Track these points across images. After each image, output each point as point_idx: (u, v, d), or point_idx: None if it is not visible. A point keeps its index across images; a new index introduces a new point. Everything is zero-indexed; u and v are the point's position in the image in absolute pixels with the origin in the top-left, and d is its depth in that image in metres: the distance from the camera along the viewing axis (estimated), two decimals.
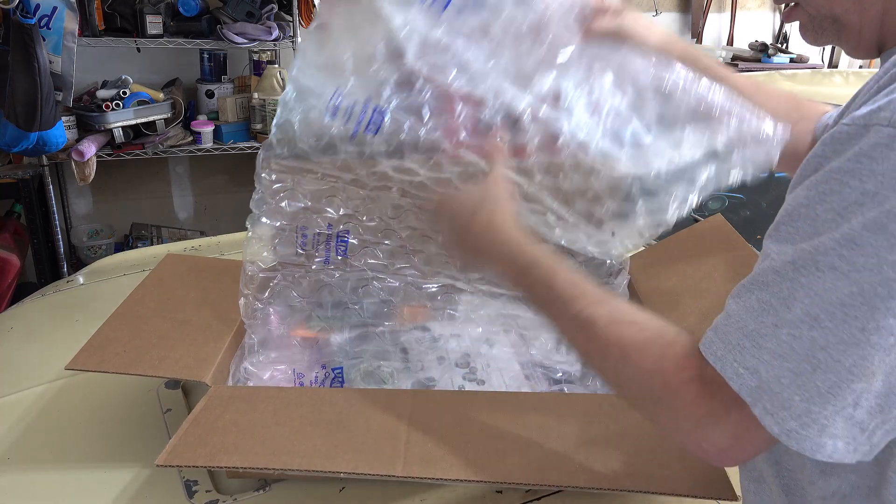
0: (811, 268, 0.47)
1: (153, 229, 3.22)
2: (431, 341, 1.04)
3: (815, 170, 0.49)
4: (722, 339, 0.51)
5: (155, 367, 0.88)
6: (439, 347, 1.03)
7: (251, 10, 2.70)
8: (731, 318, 0.52)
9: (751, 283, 0.52)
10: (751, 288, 0.51)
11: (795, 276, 0.48)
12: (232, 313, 1.03)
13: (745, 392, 0.49)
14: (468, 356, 1.02)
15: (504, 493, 0.83)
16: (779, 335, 0.48)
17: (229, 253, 1.58)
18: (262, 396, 0.87)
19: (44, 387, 1.07)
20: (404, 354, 1.02)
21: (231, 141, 2.89)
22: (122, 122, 2.56)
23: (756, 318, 0.49)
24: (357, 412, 0.83)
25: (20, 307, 1.49)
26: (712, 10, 4.35)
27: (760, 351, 0.49)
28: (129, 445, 0.93)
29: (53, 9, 2.21)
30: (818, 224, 0.47)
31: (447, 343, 1.04)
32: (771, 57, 3.75)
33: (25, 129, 2.18)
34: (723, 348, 0.51)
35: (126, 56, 2.89)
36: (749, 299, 0.51)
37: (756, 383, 0.48)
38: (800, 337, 0.47)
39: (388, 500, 0.82)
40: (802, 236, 0.48)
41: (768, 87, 0.96)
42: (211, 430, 0.78)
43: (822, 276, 0.46)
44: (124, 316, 0.99)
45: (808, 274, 0.47)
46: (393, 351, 1.02)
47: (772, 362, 0.48)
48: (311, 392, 0.93)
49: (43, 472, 0.89)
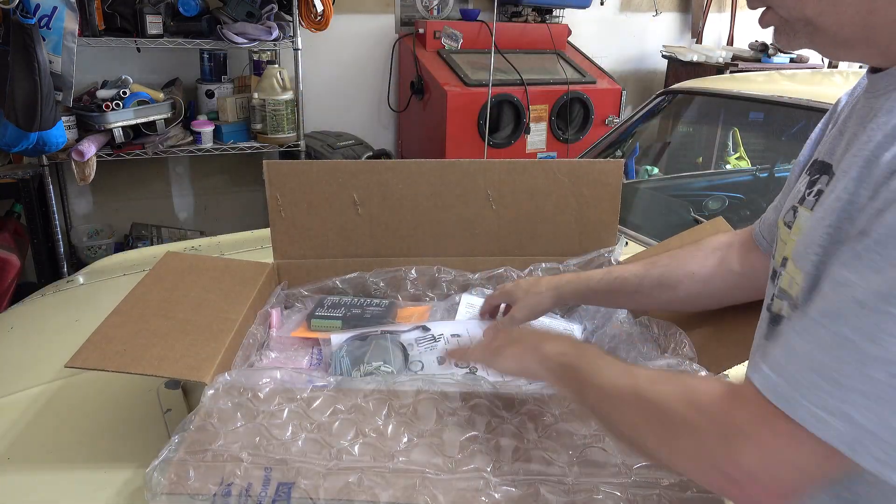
0: None
1: (153, 229, 3.22)
2: (431, 341, 1.04)
3: None
4: (788, 381, 0.47)
5: (155, 366, 0.88)
6: (439, 347, 1.03)
7: (251, 10, 2.70)
8: (797, 355, 0.47)
9: (821, 317, 0.47)
10: (821, 321, 0.47)
11: (885, 308, 0.43)
12: (232, 313, 1.03)
13: (834, 437, 0.45)
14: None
15: None
16: (870, 374, 0.43)
17: (229, 253, 1.58)
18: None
19: (44, 387, 1.07)
20: (404, 354, 1.02)
21: (231, 141, 2.89)
22: (122, 122, 2.56)
23: (832, 355, 0.45)
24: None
25: (20, 307, 1.49)
26: (712, 10, 4.35)
27: (845, 391, 0.44)
28: (129, 445, 0.93)
29: (53, 9, 2.21)
30: None
31: (448, 343, 1.04)
32: (771, 57, 3.75)
33: (25, 129, 2.18)
34: (789, 388, 0.47)
35: (126, 56, 2.90)
36: (819, 333, 0.46)
37: (849, 429, 0.44)
38: None
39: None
40: (893, 265, 0.44)
41: (664, 255, 1.00)
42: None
43: None
44: (124, 314, 0.99)
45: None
46: (393, 351, 1.02)
47: (868, 405, 0.43)
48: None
49: (43, 471, 0.89)
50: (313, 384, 0.90)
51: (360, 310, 1.14)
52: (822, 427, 0.45)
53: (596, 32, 4.04)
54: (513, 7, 3.55)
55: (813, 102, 1.65)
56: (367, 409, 0.86)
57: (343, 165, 1.22)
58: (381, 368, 0.98)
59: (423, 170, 1.22)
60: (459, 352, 0.98)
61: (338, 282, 1.22)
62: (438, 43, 3.28)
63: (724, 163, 2.75)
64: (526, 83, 3.15)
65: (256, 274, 1.17)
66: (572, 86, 3.27)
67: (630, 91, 4.06)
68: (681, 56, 3.90)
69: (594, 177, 1.24)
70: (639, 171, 2.46)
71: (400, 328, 1.07)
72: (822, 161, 0.65)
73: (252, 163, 3.29)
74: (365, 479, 0.76)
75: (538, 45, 3.48)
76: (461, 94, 3.03)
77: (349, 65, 3.48)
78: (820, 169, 0.65)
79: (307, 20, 2.92)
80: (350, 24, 3.38)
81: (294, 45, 2.85)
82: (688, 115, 2.39)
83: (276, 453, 0.79)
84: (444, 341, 1.04)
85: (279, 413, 0.85)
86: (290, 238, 1.23)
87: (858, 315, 0.45)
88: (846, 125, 0.65)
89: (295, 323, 1.13)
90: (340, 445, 0.81)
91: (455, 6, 3.54)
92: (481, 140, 3.10)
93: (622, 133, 2.25)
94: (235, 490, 0.74)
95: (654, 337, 1.04)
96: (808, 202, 0.63)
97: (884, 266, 0.45)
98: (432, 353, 1.02)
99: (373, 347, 1.02)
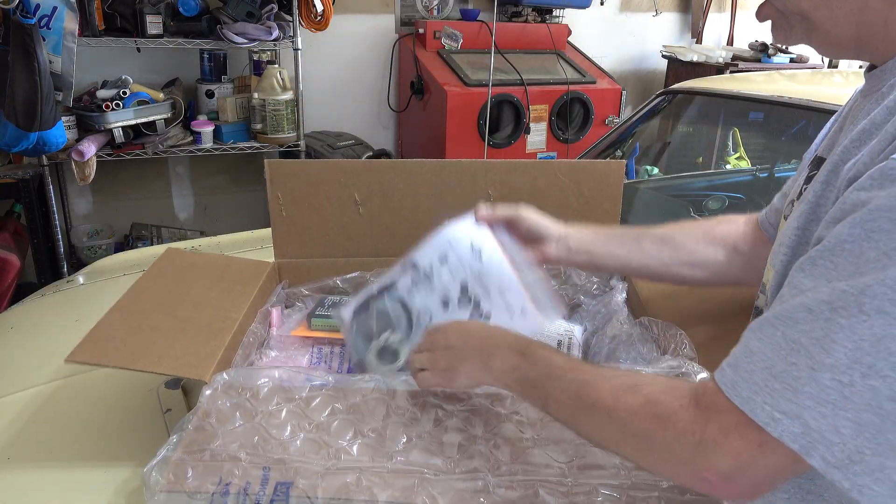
0: (853, 309, 0.44)
1: (153, 229, 3.22)
2: (426, 281, 0.96)
3: (858, 206, 0.47)
4: (746, 379, 0.49)
5: (155, 363, 0.88)
6: (435, 284, 0.96)
7: (251, 10, 2.70)
8: (754, 355, 0.49)
9: (776, 319, 0.49)
10: (776, 324, 0.49)
11: (832, 317, 0.45)
12: (233, 312, 1.03)
13: (789, 439, 0.46)
14: (466, 288, 0.95)
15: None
16: (819, 380, 0.45)
17: (229, 253, 1.58)
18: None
19: (44, 386, 1.07)
20: (406, 313, 0.97)
21: (231, 141, 2.89)
22: (122, 122, 2.56)
23: (785, 359, 0.47)
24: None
25: (20, 307, 1.49)
26: (712, 10, 4.35)
27: (798, 395, 0.46)
28: (129, 445, 0.93)
29: (53, 9, 2.21)
30: (862, 264, 0.45)
31: (441, 279, 0.96)
32: (771, 57, 3.75)
33: (25, 129, 2.18)
34: (748, 389, 0.48)
35: (126, 56, 2.90)
36: (774, 336, 0.48)
37: (802, 430, 0.46)
38: (852, 384, 0.44)
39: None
40: (842, 275, 0.46)
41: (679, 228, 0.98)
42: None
43: (868, 319, 0.43)
44: (125, 310, 0.99)
45: (849, 316, 0.44)
46: (395, 314, 0.97)
47: (819, 409, 0.45)
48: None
49: (43, 471, 0.89)
50: (312, 383, 0.89)
51: None
52: (780, 429, 0.46)
53: (596, 32, 4.04)
54: (513, 7, 3.55)
55: (813, 102, 1.65)
56: (365, 409, 0.86)
57: (344, 165, 1.22)
58: (389, 340, 0.95)
59: (424, 170, 1.22)
60: (416, 376, 0.87)
61: (338, 281, 1.22)
62: (438, 43, 3.28)
63: (724, 163, 2.74)
64: (526, 83, 3.15)
65: (257, 273, 1.17)
66: (572, 86, 3.27)
67: (630, 91, 4.06)
68: (681, 56, 3.90)
69: (595, 177, 1.24)
70: (639, 171, 2.45)
71: (392, 277, 0.98)
72: (820, 157, 0.66)
73: (252, 163, 3.29)
74: (363, 479, 0.76)
75: (538, 45, 3.48)
76: (461, 94, 3.03)
77: (349, 65, 3.48)
78: (817, 163, 0.65)
79: (307, 20, 2.92)
80: (350, 24, 3.38)
81: (294, 45, 2.85)
82: (688, 115, 2.39)
83: (274, 453, 0.79)
84: (437, 274, 0.95)
85: (277, 413, 0.85)
86: (290, 237, 1.23)
87: (809, 321, 0.46)
88: (845, 122, 0.66)
89: (295, 322, 1.13)
90: (339, 445, 0.81)
91: (455, 6, 3.54)
92: (481, 140, 3.10)
93: (622, 133, 2.25)
94: (234, 489, 0.74)
95: (654, 337, 1.04)
96: (803, 198, 0.64)
97: (834, 276, 0.46)
98: (432, 294, 0.95)
99: (376, 316, 0.98)
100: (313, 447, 0.80)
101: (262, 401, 0.86)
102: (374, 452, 0.80)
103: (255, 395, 0.87)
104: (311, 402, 0.87)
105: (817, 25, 0.57)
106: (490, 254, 0.92)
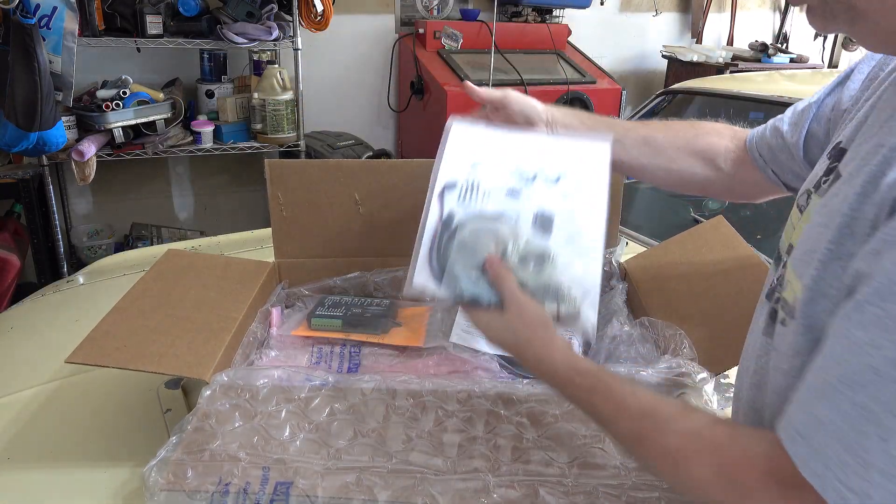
0: None
1: (153, 229, 3.22)
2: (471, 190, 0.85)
3: None
4: (818, 452, 0.46)
5: (155, 363, 0.88)
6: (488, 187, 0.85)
7: (251, 10, 2.70)
8: (824, 426, 0.46)
9: (840, 384, 0.46)
10: (841, 389, 0.45)
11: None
12: (233, 312, 1.03)
13: None
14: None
15: None
16: (889, 451, 0.43)
17: (229, 253, 1.58)
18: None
19: (43, 386, 1.07)
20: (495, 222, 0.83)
21: (231, 141, 2.89)
22: (122, 122, 2.56)
23: (856, 428, 0.44)
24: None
25: (20, 307, 1.49)
26: (712, 10, 4.35)
27: (868, 470, 0.43)
28: (128, 445, 0.92)
29: (53, 9, 2.21)
30: None
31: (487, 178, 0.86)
32: (771, 57, 3.75)
33: (25, 129, 2.18)
34: (821, 464, 0.46)
35: (126, 56, 2.90)
36: (842, 403, 0.45)
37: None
38: None
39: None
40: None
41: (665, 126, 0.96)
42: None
43: None
44: (125, 310, 0.99)
45: None
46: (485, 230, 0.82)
47: (888, 486, 0.43)
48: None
49: (42, 471, 0.89)
50: (311, 383, 0.89)
51: (360, 309, 1.14)
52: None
53: (596, 32, 4.04)
54: (513, 7, 3.55)
55: None
56: (365, 409, 0.86)
57: (344, 165, 1.22)
58: (521, 249, 0.78)
59: (425, 170, 1.21)
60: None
61: (338, 281, 1.22)
62: (438, 43, 3.28)
63: None
64: (526, 83, 3.15)
65: (257, 273, 1.17)
66: (572, 86, 3.27)
67: (630, 91, 4.06)
68: (681, 56, 3.90)
69: None
70: None
71: (433, 217, 0.82)
72: (842, 147, 0.62)
73: (252, 163, 3.29)
74: (363, 479, 0.76)
75: (538, 45, 3.48)
76: (461, 94, 3.02)
77: (349, 65, 3.48)
78: (837, 155, 0.62)
79: (307, 20, 2.92)
80: (350, 24, 3.38)
81: (294, 45, 2.85)
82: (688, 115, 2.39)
83: (274, 453, 0.79)
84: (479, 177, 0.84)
85: (277, 413, 0.85)
86: (290, 237, 1.23)
87: (875, 383, 0.43)
88: (870, 110, 0.61)
89: (295, 322, 1.13)
90: (339, 445, 0.81)
91: (455, 6, 3.54)
92: None
93: None
94: (233, 489, 0.74)
95: (654, 337, 1.04)
96: (822, 190, 0.61)
97: (891, 326, 0.43)
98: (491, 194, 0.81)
99: (469, 248, 0.79)
100: (313, 447, 0.80)
101: (262, 401, 0.86)
102: (374, 452, 0.80)
103: (255, 395, 0.87)
104: (310, 403, 0.87)
105: (865, 14, 0.52)
106: None
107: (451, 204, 0.81)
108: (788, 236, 0.66)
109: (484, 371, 1.01)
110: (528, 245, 0.79)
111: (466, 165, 0.83)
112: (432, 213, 0.81)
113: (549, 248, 0.78)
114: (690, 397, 0.87)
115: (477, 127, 0.90)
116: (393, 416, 0.85)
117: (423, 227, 0.80)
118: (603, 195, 0.83)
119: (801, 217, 0.63)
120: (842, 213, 0.52)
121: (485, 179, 0.83)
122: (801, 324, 0.54)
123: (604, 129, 0.94)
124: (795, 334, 0.55)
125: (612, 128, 0.94)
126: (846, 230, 0.52)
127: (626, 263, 1.24)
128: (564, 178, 0.84)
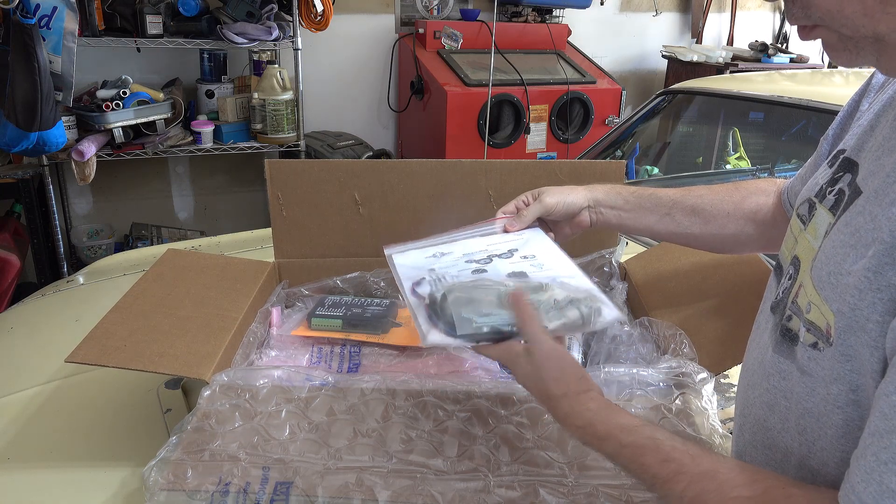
0: None
1: (153, 229, 3.22)
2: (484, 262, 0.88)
3: None
4: None
5: (155, 363, 0.88)
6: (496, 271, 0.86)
7: (251, 10, 2.70)
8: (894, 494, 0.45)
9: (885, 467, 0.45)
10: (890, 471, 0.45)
11: None
12: (233, 311, 1.03)
13: None
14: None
15: None
16: None
17: (229, 252, 1.58)
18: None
19: (44, 386, 1.07)
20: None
21: (231, 141, 2.89)
22: (122, 122, 2.56)
23: None
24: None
25: (20, 307, 1.49)
26: (712, 10, 4.35)
27: None
28: (128, 445, 0.93)
29: (53, 9, 2.21)
30: None
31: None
32: (771, 57, 3.75)
33: (25, 129, 2.18)
34: None
35: (126, 56, 2.90)
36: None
37: None
38: None
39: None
40: None
41: (710, 190, 0.96)
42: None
43: None
44: (125, 310, 0.99)
45: None
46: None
47: None
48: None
49: (43, 471, 0.89)
50: (311, 383, 0.89)
51: (360, 309, 1.14)
52: None
53: (596, 32, 4.04)
54: (513, 7, 3.55)
55: (813, 102, 1.65)
56: (365, 409, 0.86)
57: (344, 165, 1.22)
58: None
59: (425, 170, 1.22)
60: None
61: (338, 281, 1.22)
62: (438, 43, 3.28)
63: (724, 163, 2.74)
64: (526, 83, 3.15)
65: (257, 272, 1.17)
66: (572, 86, 3.27)
67: (630, 91, 4.06)
68: (681, 56, 3.90)
69: (595, 177, 1.24)
70: (639, 171, 2.45)
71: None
72: (847, 158, 0.61)
73: (252, 163, 3.29)
74: (363, 479, 0.76)
75: (538, 45, 3.48)
76: (461, 94, 3.03)
77: (349, 65, 3.48)
78: (844, 166, 0.60)
79: (307, 20, 2.92)
80: (350, 24, 3.38)
81: (294, 45, 2.85)
82: (688, 115, 2.39)
83: (274, 453, 0.79)
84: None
85: (277, 413, 0.85)
86: (290, 237, 1.23)
87: None
88: (879, 119, 0.60)
89: (295, 322, 1.13)
90: (339, 445, 0.81)
91: (455, 6, 3.54)
92: (481, 140, 3.10)
93: (622, 133, 2.25)
94: (233, 489, 0.74)
95: (654, 337, 1.04)
96: (828, 201, 0.59)
97: None
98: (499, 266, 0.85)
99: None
100: (313, 447, 0.80)
101: (262, 401, 0.86)
102: (374, 452, 0.80)
103: (255, 395, 0.87)
104: (310, 403, 0.87)
105: (892, 46, 0.51)
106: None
107: (427, 290, 0.81)
108: (790, 248, 0.64)
109: (484, 371, 1.01)
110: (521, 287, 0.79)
111: (424, 270, 0.86)
112: (415, 304, 0.80)
113: (540, 279, 0.81)
114: (691, 397, 0.87)
115: (409, 246, 0.94)
116: (393, 416, 0.85)
117: (413, 313, 0.79)
118: (559, 251, 0.89)
119: (806, 229, 0.61)
120: (881, 241, 0.50)
121: (448, 271, 0.85)
122: (840, 352, 0.53)
123: (649, 204, 0.95)
124: (833, 361, 0.54)
125: (657, 203, 0.96)
126: (886, 258, 0.49)
127: (626, 263, 1.24)
128: (518, 251, 0.90)
